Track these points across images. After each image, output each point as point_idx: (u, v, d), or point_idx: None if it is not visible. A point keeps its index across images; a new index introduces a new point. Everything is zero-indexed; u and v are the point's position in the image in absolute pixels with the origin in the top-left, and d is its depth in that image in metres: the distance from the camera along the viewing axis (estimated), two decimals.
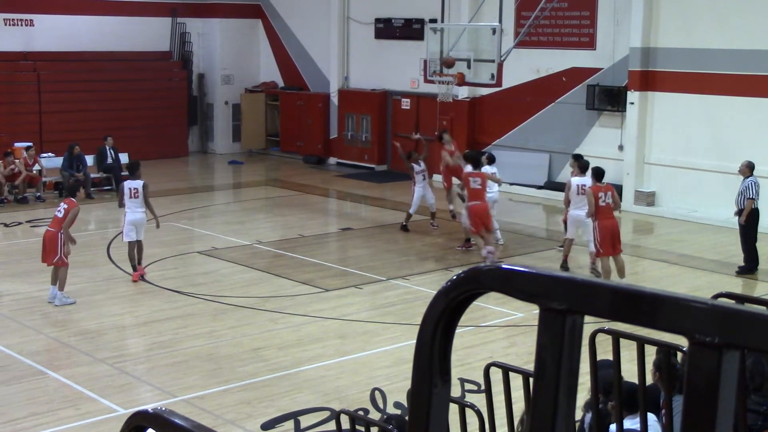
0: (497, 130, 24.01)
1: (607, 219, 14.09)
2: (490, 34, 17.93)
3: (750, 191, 15.04)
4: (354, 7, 27.17)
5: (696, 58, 20.11)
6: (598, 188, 14.25)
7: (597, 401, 4.11)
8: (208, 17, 29.39)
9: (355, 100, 27.10)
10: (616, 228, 14.27)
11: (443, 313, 1.50)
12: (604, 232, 13.99)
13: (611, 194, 14.22)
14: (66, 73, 26.20)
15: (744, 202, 15.12)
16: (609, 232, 14.02)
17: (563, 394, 1.41)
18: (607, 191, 14.21)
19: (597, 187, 14.28)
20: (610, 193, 14.20)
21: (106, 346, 11.72)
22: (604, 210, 14.09)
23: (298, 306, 13.56)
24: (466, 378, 10.31)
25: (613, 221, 14.26)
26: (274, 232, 18.82)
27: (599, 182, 14.44)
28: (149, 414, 1.86)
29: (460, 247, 16.99)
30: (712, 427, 1.25)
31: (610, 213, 14.21)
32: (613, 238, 14.07)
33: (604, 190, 14.22)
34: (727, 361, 1.25)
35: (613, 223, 14.18)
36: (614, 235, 14.10)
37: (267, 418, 9.56)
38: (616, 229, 14.25)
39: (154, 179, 23.94)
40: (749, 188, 15.09)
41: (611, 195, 14.20)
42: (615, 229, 14.17)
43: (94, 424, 9.42)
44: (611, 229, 14.07)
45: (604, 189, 14.26)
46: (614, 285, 1.35)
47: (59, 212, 13.52)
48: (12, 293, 14.22)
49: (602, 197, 14.07)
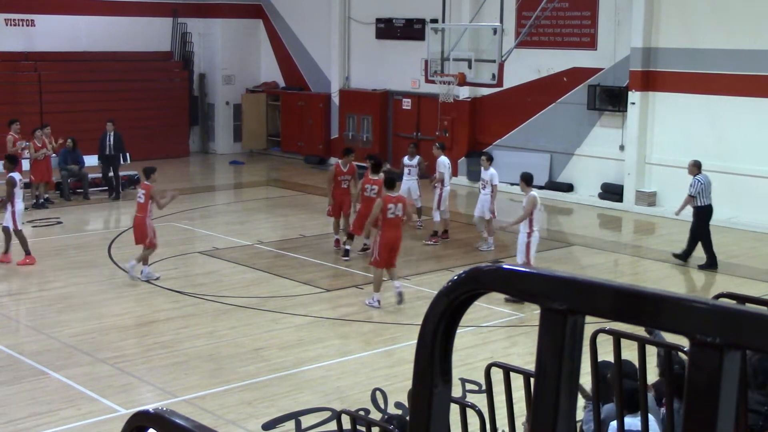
0: (498, 131, 24.01)
1: (391, 231, 13.43)
2: (491, 34, 17.94)
3: (692, 188, 15.79)
4: (355, 7, 27.17)
5: (697, 58, 20.11)
6: (389, 198, 13.48)
7: (598, 401, 4.11)
8: (209, 17, 29.40)
9: (356, 100, 27.11)
10: (398, 242, 13.60)
11: (444, 313, 1.50)
12: (385, 244, 13.32)
13: (402, 206, 13.49)
14: (67, 73, 26.21)
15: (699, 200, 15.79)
16: (390, 245, 13.39)
17: (564, 394, 1.41)
18: (398, 202, 13.51)
19: (389, 197, 13.49)
20: (401, 205, 13.48)
21: (107, 346, 11.72)
22: (392, 222, 13.41)
23: (299, 306, 13.56)
24: (467, 378, 10.31)
25: (398, 234, 13.57)
26: (275, 232, 18.82)
27: (391, 191, 13.66)
28: (150, 414, 1.86)
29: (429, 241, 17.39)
30: (712, 427, 1.25)
31: (397, 226, 13.54)
32: (392, 251, 13.44)
33: (395, 201, 13.52)
34: (728, 361, 1.25)
35: (396, 236, 13.51)
36: (393, 248, 13.46)
37: (268, 418, 9.56)
38: (398, 243, 13.59)
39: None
40: (693, 185, 15.84)
41: (402, 207, 13.48)
42: (396, 243, 13.52)
43: (95, 424, 9.42)
44: (393, 242, 13.44)
45: (395, 200, 13.55)
46: (616, 285, 1.35)
47: (140, 198, 14.56)
48: (12, 293, 14.23)
49: (392, 209, 13.37)
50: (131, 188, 22.98)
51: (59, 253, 16.74)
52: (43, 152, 20.58)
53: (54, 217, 19.68)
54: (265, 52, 30.26)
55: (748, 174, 19.26)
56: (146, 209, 14.38)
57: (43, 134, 20.82)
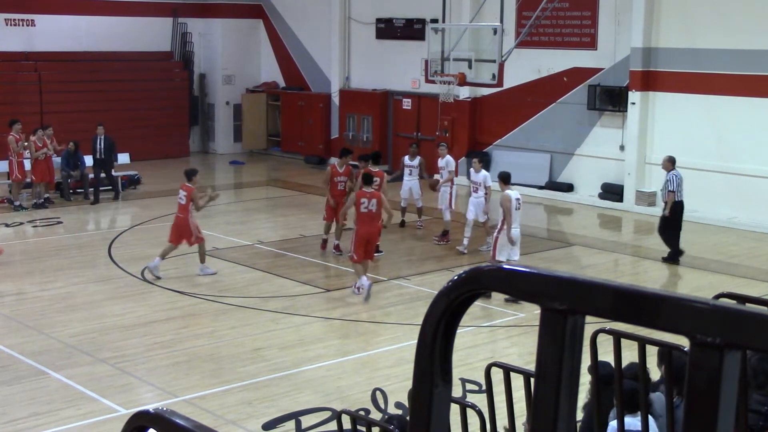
0: (498, 131, 24.01)
1: (365, 226, 13.82)
2: (491, 34, 17.93)
3: (671, 184, 15.76)
4: (355, 8, 27.18)
5: (697, 58, 20.11)
6: (363, 193, 13.93)
7: (599, 401, 4.11)
8: (210, 17, 29.40)
9: (356, 100, 27.11)
10: (374, 236, 14.11)
11: (444, 313, 1.50)
12: (360, 239, 13.74)
13: (377, 201, 13.85)
14: (67, 73, 26.22)
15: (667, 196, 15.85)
16: (365, 240, 13.81)
17: (564, 394, 1.41)
18: (371, 198, 13.87)
19: (362, 192, 13.95)
20: (374, 200, 13.84)
21: (107, 346, 11.72)
22: (365, 216, 13.80)
23: (300, 306, 13.56)
24: (468, 378, 10.31)
25: (373, 229, 13.99)
26: (275, 232, 18.82)
27: (367, 187, 14.05)
28: (150, 414, 1.86)
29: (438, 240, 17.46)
30: (713, 427, 1.25)
31: (372, 220, 13.90)
32: (368, 245, 13.90)
33: (368, 197, 13.89)
34: (729, 362, 1.25)
35: (371, 231, 13.93)
36: (369, 242, 13.93)
37: (268, 418, 9.56)
38: (374, 237, 14.12)
39: (155, 179, 24.01)
40: (671, 181, 15.80)
41: (376, 203, 13.84)
42: (372, 237, 14.00)
43: (96, 424, 9.42)
44: (368, 236, 13.86)
45: (368, 195, 13.93)
46: (616, 285, 1.35)
47: (181, 200, 14.92)
48: (13, 293, 14.24)
49: (365, 203, 13.79)
50: (132, 188, 23.01)
51: (59, 253, 16.75)
52: (43, 152, 20.58)
53: (54, 217, 19.68)
54: (265, 52, 30.26)
55: (748, 174, 19.26)
56: (187, 210, 14.81)
57: (44, 135, 20.82)
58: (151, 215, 19.92)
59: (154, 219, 19.55)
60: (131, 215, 20.55)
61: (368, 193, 13.94)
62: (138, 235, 18.28)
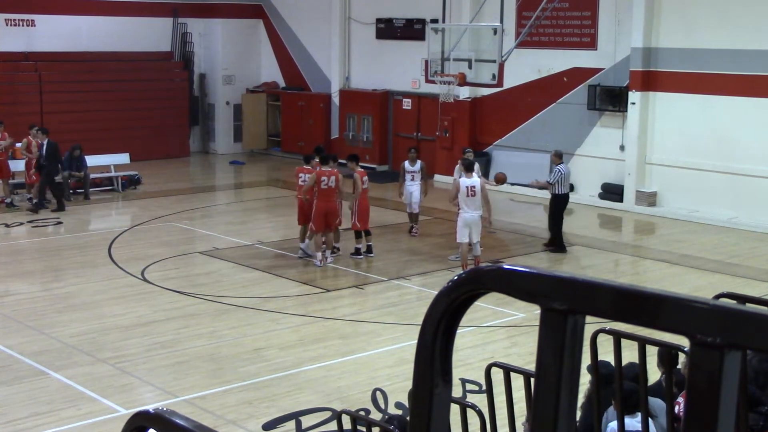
0: (498, 131, 24.01)
1: (323, 201, 15.48)
2: (492, 34, 17.93)
3: (553, 176, 16.87)
4: (355, 8, 27.18)
5: (697, 58, 20.11)
6: (323, 172, 15.53)
7: (599, 401, 4.11)
8: (210, 17, 29.40)
9: (357, 100, 27.12)
10: (333, 209, 15.69)
11: (444, 313, 1.50)
12: (319, 212, 15.44)
13: (335, 179, 15.55)
14: (67, 73, 26.22)
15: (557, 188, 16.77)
16: (324, 213, 15.48)
17: (564, 395, 1.41)
18: (330, 176, 15.52)
19: (322, 171, 15.55)
20: (334, 178, 15.54)
21: (107, 346, 11.72)
22: (325, 192, 15.49)
23: (300, 306, 13.56)
24: (468, 378, 10.31)
25: (331, 205, 15.63)
26: (276, 232, 18.82)
27: (326, 167, 15.65)
28: (151, 414, 1.86)
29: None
30: (713, 428, 1.25)
31: (330, 196, 15.57)
32: (327, 217, 15.57)
33: (328, 175, 15.51)
34: (729, 362, 1.25)
35: (330, 206, 15.57)
36: (329, 215, 15.61)
37: (268, 418, 9.56)
38: (333, 210, 15.68)
39: (155, 179, 24.02)
40: (554, 174, 16.89)
41: (335, 179, 15.55)
42: (331, 211, 15.63)
43: (96, 424, 9.42)
44: (326, 210, 15.51)
45: (327, 174, 15.53)
46: (616, 285, 1.35)
47: (303, 181, 16.00)
48: (13, 293, 14.24)
49: (325, 180, 15.48)
50: (132, 188, 23.01)
51: (59, 253, 16.75)
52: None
53: (54, 217, 19.68)
54: (265, 52, 30.27)
55: (748, 174, 19.26)
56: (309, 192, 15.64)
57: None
58: (151, 215, 19.92)
59: (155, 219, 19.56)
60: (131, 215, 20.55)
61: (327, 172, 15.56)
62: (138, 235, 18.28)
